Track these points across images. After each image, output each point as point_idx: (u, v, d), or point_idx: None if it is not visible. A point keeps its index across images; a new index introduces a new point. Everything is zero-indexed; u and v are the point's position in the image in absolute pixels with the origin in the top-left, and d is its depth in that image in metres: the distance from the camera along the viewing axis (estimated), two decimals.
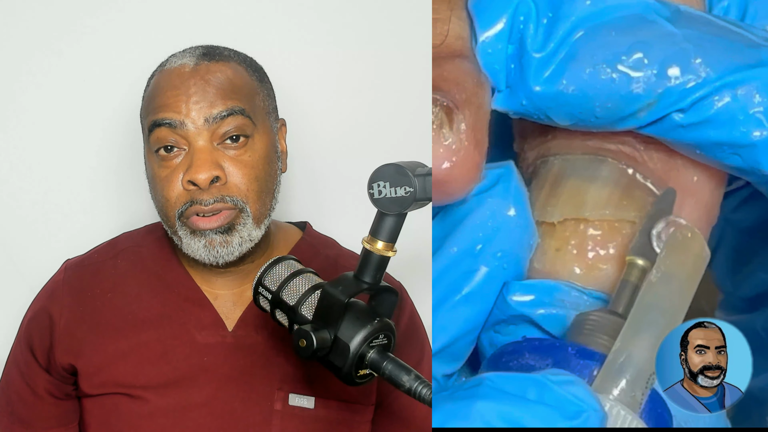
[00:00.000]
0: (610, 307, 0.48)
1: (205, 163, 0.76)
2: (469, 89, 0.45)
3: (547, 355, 0.46)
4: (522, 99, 0.47)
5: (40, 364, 0.84)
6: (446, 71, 0.46)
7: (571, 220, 0.48)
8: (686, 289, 0.46)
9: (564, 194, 0.49)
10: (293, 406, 0.81)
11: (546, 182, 0.50)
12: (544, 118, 0.47)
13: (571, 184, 0.49)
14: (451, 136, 0.45)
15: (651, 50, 0.45)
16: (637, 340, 0.45)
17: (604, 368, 0.45)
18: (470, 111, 0.45)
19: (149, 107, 0.80)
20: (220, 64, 0.80)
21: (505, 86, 0.47)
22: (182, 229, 0.78)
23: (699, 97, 0.45)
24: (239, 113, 0.78)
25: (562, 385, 0.43)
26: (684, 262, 0.46)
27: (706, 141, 0.46)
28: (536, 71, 0.46)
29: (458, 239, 0.50)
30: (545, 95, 0.46)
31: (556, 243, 0.49)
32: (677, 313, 0.46)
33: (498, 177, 0.49)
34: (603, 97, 0.46)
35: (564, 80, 0.46)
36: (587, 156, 0.49)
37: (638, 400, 0.45)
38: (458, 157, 0.45)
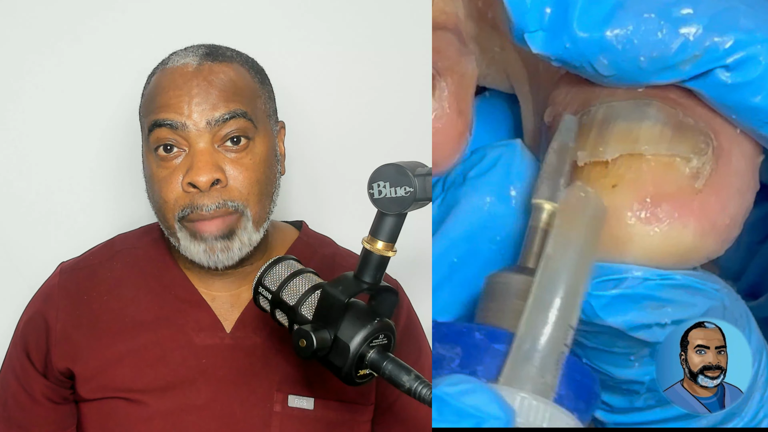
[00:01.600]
0: (519, 261, 0.47)
1: (206, 165, 0.76)
2: (452, 57, 0.45)
3: (456, 342, 0.46)
4: (565, 42, 0.46)
5: (36, 369, 0.83)
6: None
7: (626, 156, 0.47)
8: (585, 256, 0.45)
9: (615, 134, 0.48)
10: (293, 408, 0.81)
11: (592, 126, 0.49)
12: (587, 66, 0.47)
13: (621, 125, 0.48)
14: (433, 103, 0.44)
15: (701, 4, 0.45)
16: (539, 323, 0.44)
17: (510, 358, 0.44)
18: (452, 79, 0.45)
19: (150, 106, 0.79)
20: (223, 65, 0.79)
21: (538, 28, 0.47)
22: (181, 231, 0.78)
23: (745, 57, 0.45)
24: (241, 116, 0.77)
25: (460, 396, 0.42)
26: (580, 227, 0.45)
27: (744, 105, 0.46)
28: (581, 15, 0.46)
29: (456, 223, 0.50)
30: (590, 41, 0.46)
31: (612, 180, 0.47)
32: (579, 285, 0.45)
33: (498, 157, 0.49)
34: (648, 47, 0.45)
35: (610, 27, 0.45)
36: (632, 101, 0.48)
37: (550, 384, 0.44)
38: (441, 123, 0.45)
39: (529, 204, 0.49)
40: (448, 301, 0.50)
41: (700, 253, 0.47)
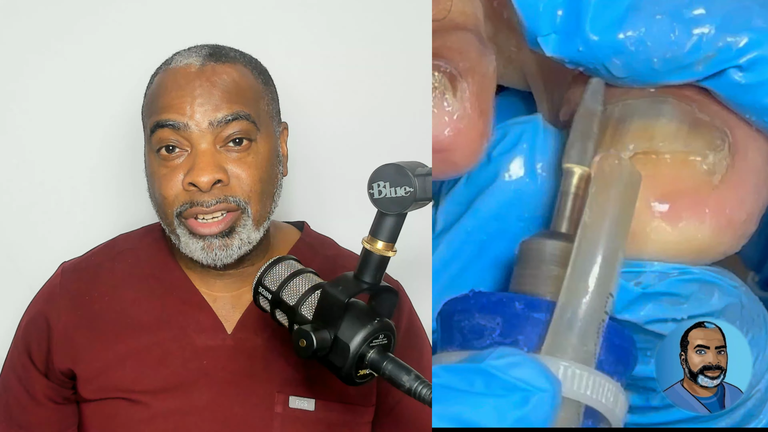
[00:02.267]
0: (552, 225, 0.48)
1: (208, 166, 0.76)
2: (473, 58, 0.45)
3: (496, 312, 0.46)
4: (579, 45, 0.46)
5: (38, 369, 0.83)
6: (449, 41, 0.46)
7: (641, 154, 0.48)
8: (622, 223, 0.46)
9: (631, 131, 0.48)
10: (294, 409, 0.81)
11: (608, 126, 0.49)
12: (601, 68, 0.47)
13: (637, 123, 0.48)
14: (455, 104, 0.44)
15: (713, 4, 0.45)
16: (579, 291, 0.45)
17: (552, 327, 0.45)
18: (474, 79, 0.45)
19: (153, 106, 0.79)
20: (227, 66, 0.79)
21: (551, 31, 0.47)
22: (180, 228, 0.78)
23: (758, 56, 0.45)
24: (244, 118, 0.77)
25: (507, 369, 0.43)
26: (615, 195, 0.46)
27: (758, 104, 0.46)
28: (594, 18, 0.46)
29: (485, 202, 0.50)
30: (603, 44, 0.46)
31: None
32: (617, 252, 0.45)
33: (521, 134, 0.49)
34: (662, 49, 0.45)
35: (623, 29, 0.46)
36: (648, 98, 0.49)
37: (592, 351, 0.45)
38: (462, 125, 0.44)
39: (555, 178, 0.49)
40: (478, 279, 0.51)
41: (717, 248, 0.47)
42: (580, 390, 0.44)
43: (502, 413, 0.41)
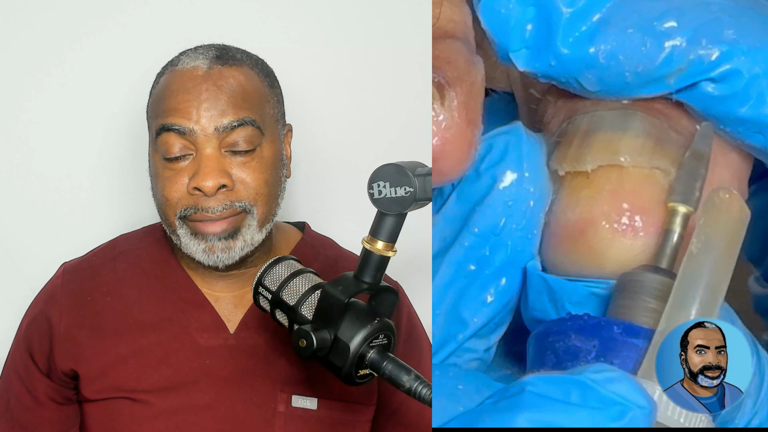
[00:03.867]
0: (654, 260, 0.48)
1: (213, 171, 0.76)
2: (461, 67, 0.45)
3: (593, 335, 0.46)
4: (550, 60, 0.47)
5: (40, 370, 0.83)
6: (437, 50, 0.46)
7: (606, 167, 0.48)
8: (728, 256, 0.46)
9: (596, 144, 0.48)
10: (296, 408, 0.81)
11: (575, 137, 0.49)
12: (573, 82, 0.47)
13: (603, 135, 0.48)
14: (443, 113, 0.44)
15: (684, 17, 0.45)
16: (681, 318, 0.45)
17: (650, 353, 0.45)
18: (462, 88, 0.45)
19: (158, 108, 0.79)
20: (233, 69, 0.79)
21: (522, 46, 0.47)
22: (182, 228, 0.78)
23: (729, 70, 0.45)
24: (249, 124, 0.77)
25: (606, 384, 0.42)
26: (723, 227, 0.46)
27: (731, 116, 0.46)
28: (565, 32, 0.46)
29: (479, 219, 0.50)
30: (574, 58, 0.46)
31: (590, 192, 0.48)
32: (721, 283, 0.46)
33: (506, 145, 0.49)
34: (634, 62, 0.46)
35: (594, 44, 0.46)
36: (617, 111, 0.49)
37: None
38: (450, 134, 0.44)
39: (545, 183, 0.49)
40: (483, 295, 0.51)
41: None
42: (673, 416, 0.45)
43: (598, 424, 0.41)
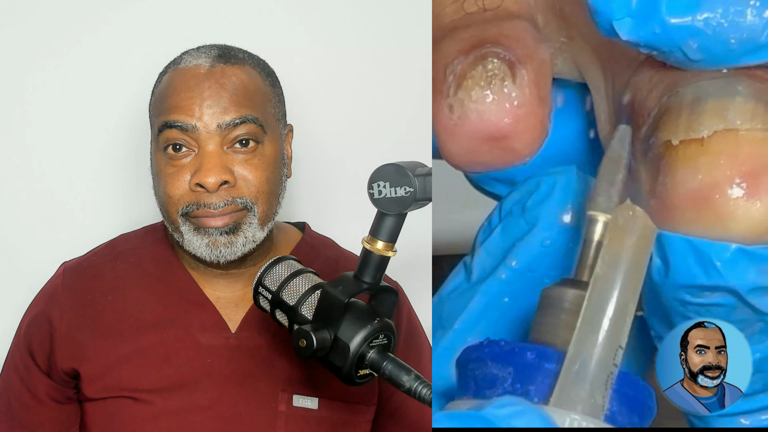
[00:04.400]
0: (574, 274, 0.47)
1: (215, 167, 0.76)
2: (530, 45, 0.45)
3: (508, 362, 0.46)
4: (655, 28, 0.46)
5: (40, 369, 0.84)
6: (505, 29, 0.45)
7: (721, 132, 0.47)
8: (634, 275, 0.45)
9: (708, 111, 0.47)
10: (297, 407, 0.81)
11: (683, 106, 0.48)
12: (677, 51, 0.46)
13: (712, 102, 0.47)
14: (515, 91, 0.44)
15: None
16: (589, 344, 0.44)
17: (561, 379, 0.44)
18: (532, 66, 0.44)
19: (161, 106, 0.79)
20: (235, 68, 0.79)
21: (625, 15, 0.47)
22: (185, 225, 0.78)
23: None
24: (251, 121, 0.77)
25: (508, 419, 0.42)
26: (629, 246, 0.45)
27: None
28: (670, 1, 0.45)
29: (518, 254, 0.49)
30: (680, 27, 0.45)
31: (709, 158, 0.47)
32: (628, 304, 0.45)
33: (554, 185, 0.49)
34: (738, 29, 0.45)
35: (699, 11, 0.45)
36: (721, 79, 0.48)
37: (600, 403, 0.44)
38: (523, 111, 0.44)
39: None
40: (511, 329, 0.50)
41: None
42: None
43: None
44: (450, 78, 0.43)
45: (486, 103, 0.43)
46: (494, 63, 0.44)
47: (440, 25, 0.46)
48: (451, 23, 0.45)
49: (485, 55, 0.44)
